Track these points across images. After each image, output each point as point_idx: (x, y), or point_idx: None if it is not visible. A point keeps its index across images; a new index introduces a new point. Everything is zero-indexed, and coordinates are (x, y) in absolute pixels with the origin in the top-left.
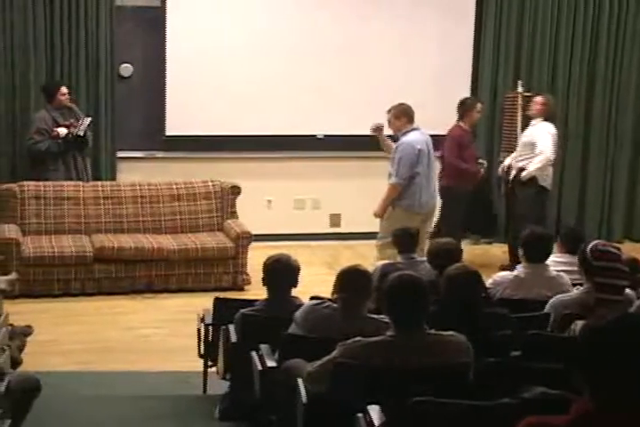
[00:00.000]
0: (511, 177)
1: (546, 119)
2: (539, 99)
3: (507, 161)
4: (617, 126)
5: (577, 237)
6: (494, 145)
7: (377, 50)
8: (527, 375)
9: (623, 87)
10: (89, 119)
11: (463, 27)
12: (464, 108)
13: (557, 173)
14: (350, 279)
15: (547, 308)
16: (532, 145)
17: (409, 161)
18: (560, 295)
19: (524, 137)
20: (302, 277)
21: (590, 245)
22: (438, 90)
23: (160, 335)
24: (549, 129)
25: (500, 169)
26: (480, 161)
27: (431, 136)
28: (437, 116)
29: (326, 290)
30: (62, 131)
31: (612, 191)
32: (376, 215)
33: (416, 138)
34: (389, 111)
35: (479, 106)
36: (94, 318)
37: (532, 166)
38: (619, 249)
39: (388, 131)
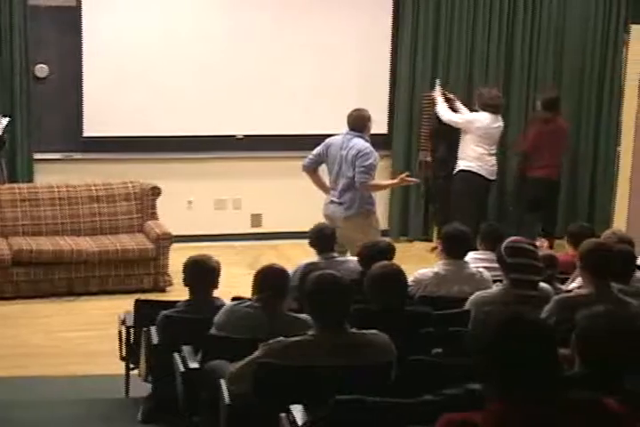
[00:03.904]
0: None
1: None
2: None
3: None
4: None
5: (497, 234)
6: (412, 143)
7: (295, 48)
8: (449, 372)
9: (540, 81)
10: (6, 119)
11: (381, 23)
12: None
13: None
14: (267, 279)
15: (467, 304)
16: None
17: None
18: (480, 292)
19: None
20: (224, 277)
21: (505, 243)
22: (358, 88)
23: (82, 339)
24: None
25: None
26: None
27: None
28: None
29: (248, 290)
30: None
31: None
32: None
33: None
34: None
35: None
36: (14, 321)
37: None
38: (534, 246)
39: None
